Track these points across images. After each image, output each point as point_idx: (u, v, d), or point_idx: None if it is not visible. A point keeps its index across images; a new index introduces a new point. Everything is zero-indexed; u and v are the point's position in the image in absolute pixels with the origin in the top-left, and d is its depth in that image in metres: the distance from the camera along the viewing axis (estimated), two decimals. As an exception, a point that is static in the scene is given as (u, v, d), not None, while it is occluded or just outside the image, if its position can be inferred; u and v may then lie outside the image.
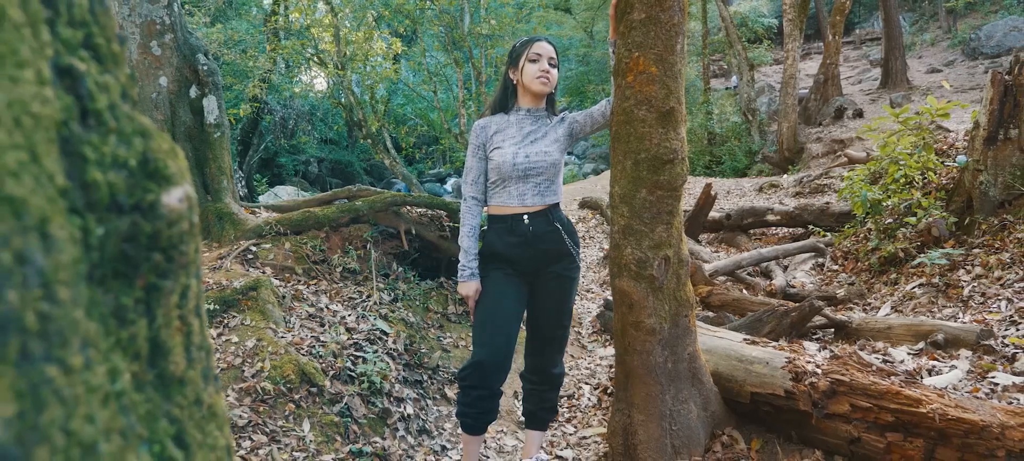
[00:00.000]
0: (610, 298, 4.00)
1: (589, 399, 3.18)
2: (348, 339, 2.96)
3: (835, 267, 4.77)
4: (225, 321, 2.76)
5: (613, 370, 3.29)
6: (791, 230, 6.20)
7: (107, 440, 0.30)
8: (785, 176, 10.43)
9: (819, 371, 2.25)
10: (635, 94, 2.14)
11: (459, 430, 2.47)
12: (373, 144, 12.42)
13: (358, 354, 2.88)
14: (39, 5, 0.31)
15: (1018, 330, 2.93)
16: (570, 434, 2.84)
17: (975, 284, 3.48)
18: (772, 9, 20.64)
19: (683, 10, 2.14)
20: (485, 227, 2.23)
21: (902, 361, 2.88)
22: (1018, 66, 3.83)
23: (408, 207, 3.93)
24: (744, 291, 4.44)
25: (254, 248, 3.37)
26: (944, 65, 17.07)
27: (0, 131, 0.27)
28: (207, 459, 0.39)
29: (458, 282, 2.16)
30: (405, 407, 2.80)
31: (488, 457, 2.70)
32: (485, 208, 2.21)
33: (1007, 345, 2.81)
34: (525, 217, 2.10)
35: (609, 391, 3.18)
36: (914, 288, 3.75)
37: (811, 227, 5.75)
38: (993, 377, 2.58)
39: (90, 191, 0.32)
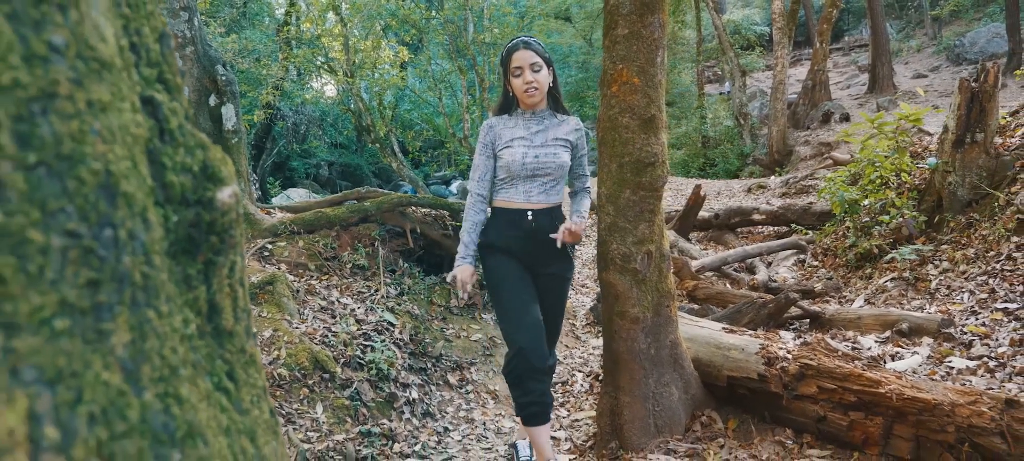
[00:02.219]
0: (602, 294, 4.17)
1: (582, 385, 3.36)
2: (358, 330, 3.13)
3: (815, 263, 4.97)
4: (244, 313, 2.95)
5: (604, 359, 3.47)
6: (776, 228, 6.34)
7: (185, 367, 0.39)
8: (773, 177, 10.64)
9: (790, 356, 2.38)
10: (619, 103, 2.33)
11: (521, 424, 2.28)
12: (381, 148, 12.60)
13: (367, 343, 3.06)
14: (130, 54, 0.40)
15: (977, 319, 3.15)
16: (564, 417, 3.01)
17: (942, 278, 3.68)
18: (764, 17, 20.85)
19: (663, 26, 2.31)
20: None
21: (869, 348, 3.09)
22: (984, 74, 4.04)
23: (413, 208, 4.14)
24: (728, 285, 4.65)
25: (269, 246, 3.56)
26: (929, 70, 17.26)
27: (116, 146, 0.35)
28: (250, 393, 0.48)
29: (455, 266, 2.16)
30: (411, 392, 2.97)
31: (487, 436, 2.90)
32: (488, 206, 2.26)
33: (965, 333, 3.03)
34: (529, 213, 2.15)
35: (601, 378, 3.36)
36: (886, 282, 3.96)
37: (794, 226, 5.91)
38: (950, 362, 2.76)
39: (167, 189, 0.41)
